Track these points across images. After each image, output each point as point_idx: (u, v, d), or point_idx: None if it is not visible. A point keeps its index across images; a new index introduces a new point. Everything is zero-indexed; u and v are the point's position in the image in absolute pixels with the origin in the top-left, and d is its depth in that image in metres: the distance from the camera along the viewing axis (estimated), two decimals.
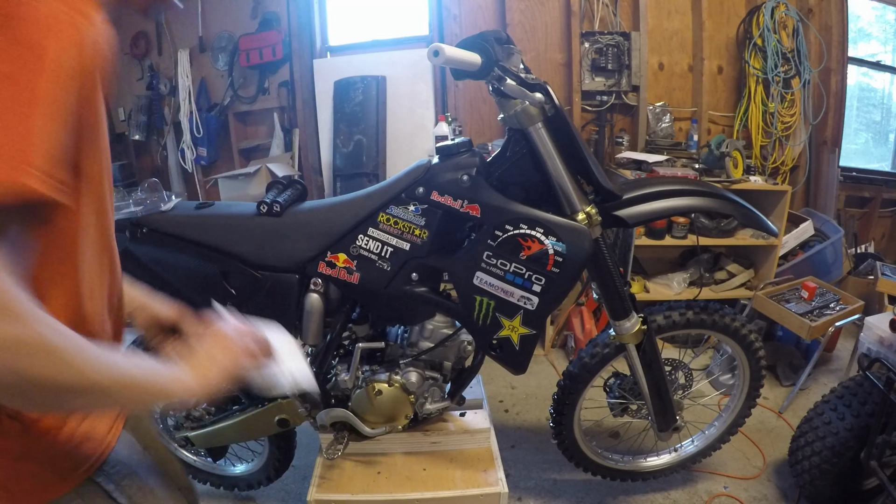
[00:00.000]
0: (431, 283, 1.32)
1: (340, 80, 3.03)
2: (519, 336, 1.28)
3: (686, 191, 1.35)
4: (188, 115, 3.41)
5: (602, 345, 1.53)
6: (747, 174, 2.73)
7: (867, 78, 3.68)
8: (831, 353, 2.65)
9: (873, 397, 1.54)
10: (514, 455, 2.02)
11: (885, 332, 1.92)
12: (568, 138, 1.24)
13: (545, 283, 1.22)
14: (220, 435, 1.54)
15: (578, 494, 1.85)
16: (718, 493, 1.83)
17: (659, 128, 3.03)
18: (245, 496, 1.83)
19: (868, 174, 3.48)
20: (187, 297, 1.38)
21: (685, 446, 1.81)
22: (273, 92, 3.34)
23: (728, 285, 2.80)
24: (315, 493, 1.39)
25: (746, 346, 1.61)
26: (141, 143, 3.70)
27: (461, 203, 1.23)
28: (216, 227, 1.35)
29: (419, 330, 1.43)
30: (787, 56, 2.94)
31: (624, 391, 1.65)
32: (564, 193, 1.25)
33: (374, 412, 1.42)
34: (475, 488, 1.40)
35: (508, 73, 1.14)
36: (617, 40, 2.98)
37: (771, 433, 2.13)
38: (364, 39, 3.30)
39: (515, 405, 2.35)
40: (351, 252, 1.30)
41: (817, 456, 1.60)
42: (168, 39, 3.45)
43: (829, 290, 2.43)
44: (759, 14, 2.91)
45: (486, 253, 1.23)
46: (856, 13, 3.32)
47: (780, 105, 2.98)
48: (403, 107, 3.03)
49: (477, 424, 1.56)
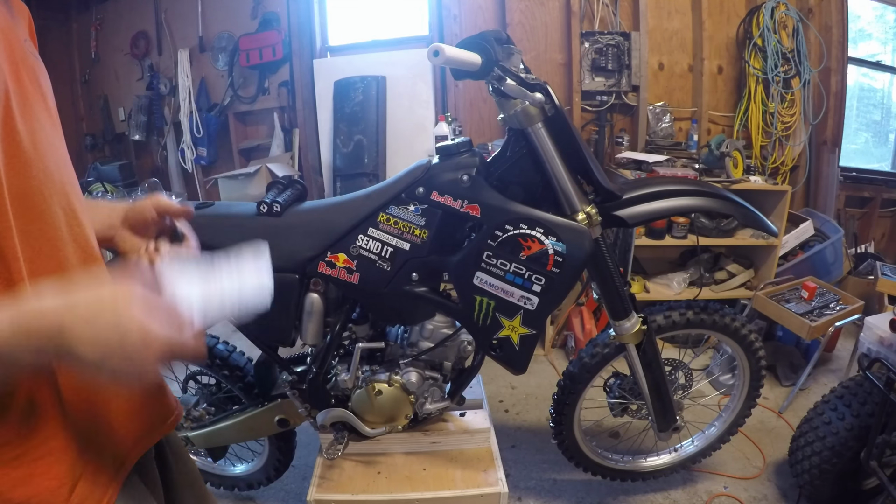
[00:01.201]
0: (431, 283, 1.32)
1: (340, 80, 3.03)
2: (519, 336, 1.28)
3: (686, 191, 1.35)
4: (188, 115, 3.41)
5: (602, 345, 1.53)
6: (747, 174, 2.73)
7: (867, 78, 3.68)
8: (831, 353, 2.65)
9: (873, 397, 1.54)
10: (514, 455, 2.02)
11: (885, 332, 1.92)
12: (568, 138, 1.24)
13: (545, 283, 1.22)
14: (220, 435, 1.54)
15: (578, 494, 1.85)
16: (718, 493, 1.83)
17: (659, 128, 3.03)
18: (245, 496, 1.83)
19: (868, 174, 3.48)
20: None
21: (685, 446, 1.81)
22: (273, 92, 3.34)
23: (728, 285, 2.80)
24: (315, 493, 1.39)
25: (746, 346, 1.61)
26: (141, 143, 3.71)
27: (461, 203, 1.23)
28: (216, 227, 1.35)
29: (419, 330, 1.43)
30: (787, 56, 2.94)
31: (624, 391, 1.65)
32: (564, 193, 1.25)
33: (374, 412, 1.42)
34: (475, 488, 1.40)
35: (508, 73, 1.14)
36: (617, 40, 2.98)
37: (771, 433, 2.13)
38: (364, 39, 3.30)
39: (515, 405, 2.35)
40: (351, 252, 1.30)
41: (817, 456, 1.60)
42: (168, 39, 3.45)
43: (829, 290, 2.43)
44: (759, 14, 2.91)
45: (486, 253, 1.23)
46: (856, 13, 3.32)
47: (780, 105, 2.98)
48: (403, 107, 3.03)
49: (477, 424, 1.56)
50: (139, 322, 0.50)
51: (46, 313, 0.49)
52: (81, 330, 0.49)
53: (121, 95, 3.70)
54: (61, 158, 0.64)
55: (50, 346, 0.49)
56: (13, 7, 0.63)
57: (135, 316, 0.50)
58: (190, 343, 0.54)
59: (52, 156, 0.62)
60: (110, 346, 0.49)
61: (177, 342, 0.52)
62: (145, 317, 0.51)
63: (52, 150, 0.62)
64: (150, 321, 0.51)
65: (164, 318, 0.52)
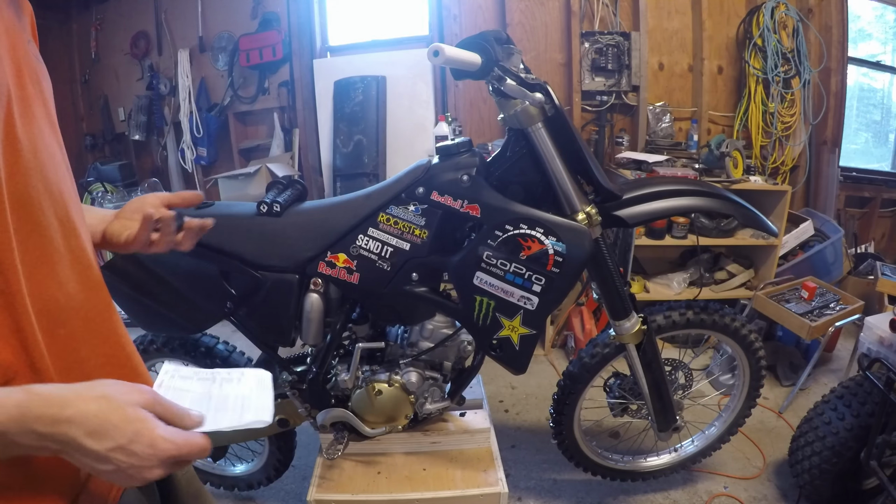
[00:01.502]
0: (431, 283, 1.32)
1: (340, 80, 3.03)
2: (519, 336, 1.28)
3: (686, 191, 1.35)
4: (188, 115, 3.41)
5: (602, 345, 1.53)
6: (747, 174, 2.73)
7: (867, 78, 3.68)
8: (831, 353, 2.65)
9: (873, 397, 1.54)
10: (514, 455, 2.02)
11: (885, 332, 1.92)
12: (568, 138, 1.24)
13: (545, 283, 1.22)
14: (220, 435, 1.54)
15: (578, 494, 1.85)
16: (718, 493, 1.83)
17: (659, 128, 3.03)
18: (245, 496, 1.83)
19: (868, 174, 3.48)
20: (187, 297, 1.39)
21: (685, 446, 1.81)
22: (273, 92, 3.34)
23: (728, 285, 2.80)
24: (315, 493, 1.39)
25: (746, 346, 1.61)
26: (141, 143, 3.71)
27: (461, 203, 1.23)
28: (216, 227, 1.35)
29: (419, 330, 1.43)
30: (787, 56, 2.94)
31: (624, 391, 1.65)
32: (564, 193, 1.25)
33: (374, 412, 1.42)
34: (475, 488, 1.40)
35: (508, 73, 1.14)
36: (617, 40, 2.98)
37: (771, 433, 2.13)
38: (364, 39, 3.30)
39: (515, 405, 2.35)
40: (351, 252, 1.30)
41: (817, 456, 1.60)
42: (168, 39, 3.45)
43: (829, 290, 2.43)
44: (759, 14, 2.91)
45: (486, 253, 1.23)
46: (856, 13, 3.32)
47: (780, 105, 2.98)
48: (403, 107, 3.03)
49: (477, 424, 1.56)
50: (150, 424, 0.51)
51: (55, 399, 0.49)
52: (90, 422, 0.49)
53: (121, 95, 3.69)
54: (60, 167, 0.62)
55: (55, 433, 0.48)
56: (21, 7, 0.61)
57: (145, 417, 0.51)
58: (196, 449, 0.54)
59: (51, 164, 0.60)
60: (118, 442, 0.49)
61: (184, 448, 0.53)
62: (154, 418, 0.52)
63: (51, 158, 0.60)
64: (159, 423, 0.52)
65: (173, 422, 0.54)
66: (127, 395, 0.52)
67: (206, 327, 1.46)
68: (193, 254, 1.34)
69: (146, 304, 1.39)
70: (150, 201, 0.82)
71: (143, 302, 1.39)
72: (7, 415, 0.46)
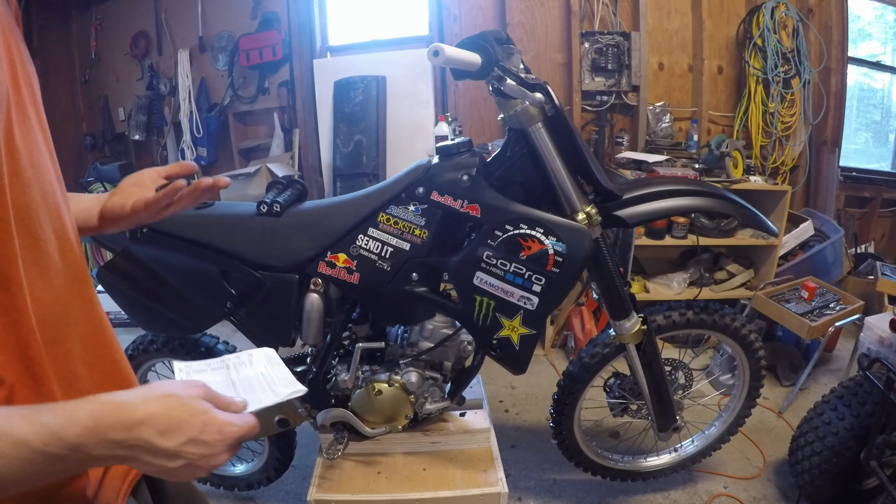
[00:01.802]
0: (431, 283, 1.32)
1: (340, 80, 3.03)
2: (519, 336, 1.28)
3: (686, 191, 1.35)
4: (188, 115, 3.41)
5: (602, 345, 1.53)
6: (747, 174, 2.73)
7: (867, 78, 3.68)
8: (831, 353, 2.65)
9: (873, 397, 1.54)
10: (514, 455, 2.02)
11: (885, 332, 1.92)
12: (568, 138, 1.24)
13: (545, 283, 1.22)
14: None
15: (578, 494, 1.85)
16: (718, 493, 1.83)
17: (659, 128, 3.03)
18: (245, 496, 1.83)
19: (868, 174, 3.49)
20: (187, 297, 1.39)
21: (685, 446, 1.81)
22: (273, 92, 3.34)
23: (728, 285, 2.80)
24: (315, 493, 1.39)
25: (746, 346, 1.61)
26: (141, 143, 3.70)
27: (461, 203, 1.23)
28: (216, 227, 1.35)
29: (419, 330, 1.43)
30: (787, 56, 2.94)
31: (624, 391, 1.65)
32: (564, 193, 1.25)
33: (374, 412, 1.42)
34: (475, 488, 1.40)
35: (508, 73, 1.14)
36: (617, 40, 2.98)
37: (771, 433, 2.13)
38: (364, 39, 3.30)
39: (515, 405, 2.35)
40: (351, 252, 1.30)
41: (817, 456, 1.60)
42: (168, 39, 3.45)
43: (829, 290, 2.43)
44: (759, 14, 2.91)
45: (486, 253, 1.23)
46: (856, 13, 3.32)
47: (780, 105, 2.98)
48: (403, 107, 3.03)
49: (477, 424, 1.56)
50: (214, 412, 0.54)
51: (124, 405, 0.50)
52: (160, 421, 0.50)
53: (121, 95, 3.69)
54: (52, 177, 0.60)
55: (129, 438, 0.49)
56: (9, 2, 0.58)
57: (208, 407, 0.54)
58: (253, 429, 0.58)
59: (46, 175, 0.58)
60: (189, 435, 0.51)
61: (245, 428, 0.57)
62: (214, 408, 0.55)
63: (45, 168, 0.58)
64: (220, 411, 0.55)
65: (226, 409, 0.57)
66: (188, 390, 0.54)
67: (206, 327, 1.46)
68: (193, 254, 1.35)
69: (146, 304, 1.40)
70: (149, 175, 0.82)
71: (143, 302, 1.39)
72: (82, 426, 0.46)
